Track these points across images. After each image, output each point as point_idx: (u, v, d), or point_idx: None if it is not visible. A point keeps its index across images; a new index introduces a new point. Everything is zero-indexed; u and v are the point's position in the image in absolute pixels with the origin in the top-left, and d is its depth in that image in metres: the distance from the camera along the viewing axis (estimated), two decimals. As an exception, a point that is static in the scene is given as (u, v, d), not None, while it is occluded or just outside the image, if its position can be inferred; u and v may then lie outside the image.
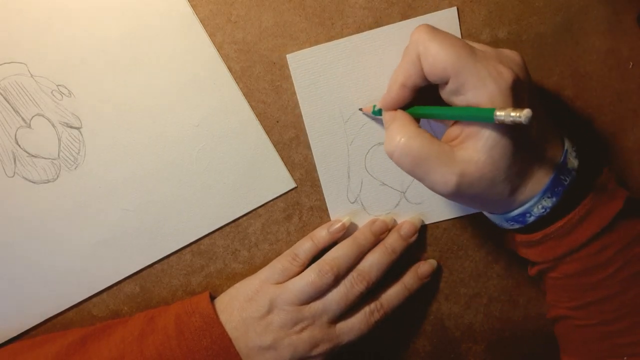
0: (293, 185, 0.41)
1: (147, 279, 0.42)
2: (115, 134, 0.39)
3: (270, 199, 0.41)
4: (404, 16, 0.39)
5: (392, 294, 0.41)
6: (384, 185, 0.42)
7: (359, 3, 0.39)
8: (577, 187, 0.32)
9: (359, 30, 0.39)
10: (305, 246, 0.40)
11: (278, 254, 0.42)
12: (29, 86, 0.38)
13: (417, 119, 0.34)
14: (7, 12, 0.37)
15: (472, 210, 0.42)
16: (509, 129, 0.30)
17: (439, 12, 0.39)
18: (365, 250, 0.40)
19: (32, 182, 0.39)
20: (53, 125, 0.38)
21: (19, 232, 0.39)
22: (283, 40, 0.39)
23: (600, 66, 0.41)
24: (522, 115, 0.26)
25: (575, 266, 0.34)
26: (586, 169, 0.33)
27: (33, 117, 0.38)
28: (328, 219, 0.42)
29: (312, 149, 0.41)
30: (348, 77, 0.39)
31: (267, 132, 0.40)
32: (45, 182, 0.39)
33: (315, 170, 0.41)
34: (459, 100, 0.31)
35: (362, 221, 0.42)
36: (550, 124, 0.33)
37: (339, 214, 0.42)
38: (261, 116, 0.40)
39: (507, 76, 0.30)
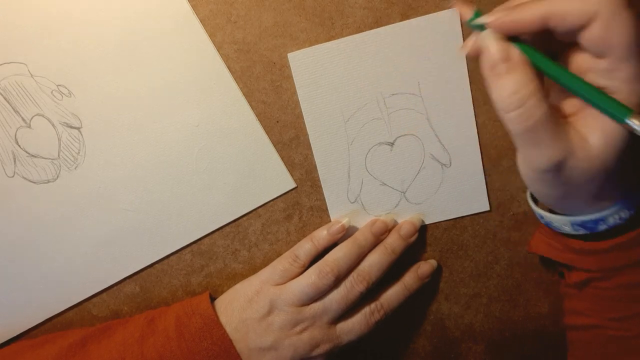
0: (293, 185, 0.41)
1: (147, 279, 0.42)
2: (115, 134, 0.39)
3: (270, 199, 0.41)
4: (404, 16, 0.39)
5: (392, 294, 0.41)
6: (384, 185, 0.42)
7: (359, 3, 0.39)
8: None
9: (359, 30, 0.39)
10: (305, 247, 0.40)
11: (278, 254, 0.42)
12: (29, 86, 0.38)
13: None
14: (7, 12, 0.37)
15: (472, 211, 0.42)
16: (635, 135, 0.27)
17: (441, 12, 0.38)
18: (365, 251, 0.40)
19: (32, 182, 0.39)
20: (53, 125, 0.38)
21: (18, 232, 0.39)
22: (283, 40, 0.39)
23: (601, 66, 0.41)
24: None
25: (632, 278, 0.33)
26: None
27: (33, 117, 0.38)
28: (328, 218, 0.42)
29: (312, 149, 0.41)
30: (349, 76, 0.39)
31: (267, 132, 0.40)
32: (45, 182, 0.39)
33: (315, 170, 0.41)
34: (600, 81, 0.28)
35: (362, 221, 0.42)
36: None
37: (339, 213, 0.42)
38: (261, 116, 0.40)
39: None
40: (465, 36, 0.39)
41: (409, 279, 0.42)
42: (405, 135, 0.41)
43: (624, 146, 0.28)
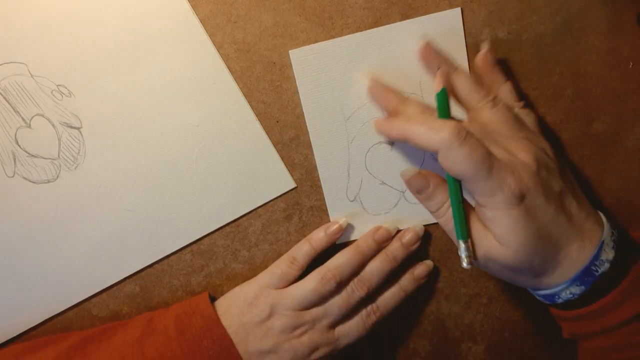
0: (293, 185, 0.41)
1: (147, 279, 0.42)
2: (115, 134, 0.39)
3: (270, 199, 0.41)
4: (404, 16, 0.39)
5: (389, 296, 0.41)
6: (384, 184, 0.42)
7: (359, 3, 0.39)
8: (610, 275, 0.33)
9: (359, 30, 0.39)
10: (303, 249, 0.40)
11: (278, 254, 0.42)
12: (29, 86, 0.38)
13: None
14: (7, 12, 0.37)
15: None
16: (529, 216, 0.32)
17: (443, 12, 0.39)
18: (367, 258, 0.40)
19: (32, 182, 0.39)
20: (53, 125, 0.38)
21: (19, 232, 0.39)
22: (283, 40, 0.39)
23: (600, 66, 0.41)
24: (464, 264, 0.34)
25: (608, 342, 0.34)
26: (623, 256, 0.33)
27: (33, 117, 0.38)
28: (328, 218, 0.42)
29: (312, 146, 0.41)
30: (350, 74, 0.39)
31: (267, 132, 0.40)
32: (45, 182, 0.39)
33: (315, 170, 0.41)
34: (472, 195, 0.34)
35: (361, 220, 0.42)
36: (586, 210, 0.34)
37: (338, 212, 0.42)
38: (261, 116, 0.40)
39: (513, 187, 0.32)
40: (466, 36, 0.39)
41: (405, 281, 0.42)
42: (405, 135, 0.41)
43: (526, 231, 0.32)
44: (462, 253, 0.33)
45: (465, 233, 0.34)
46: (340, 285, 0.39)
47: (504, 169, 0.32)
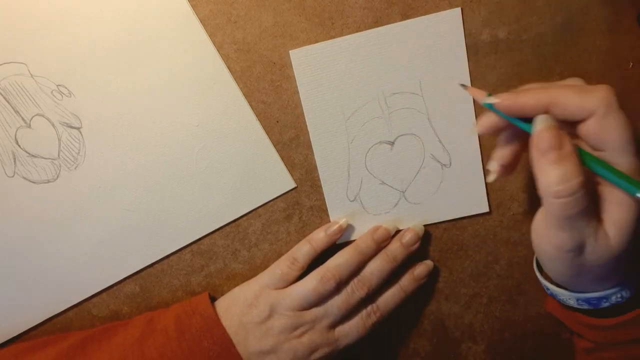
0: (293, 185, 0.41)
1: (147, 279, 0.42)
2: (115, 134, 0.39)
3: (270, 199, 0.41)
4: (404, 16, 0.39)
5: (389, 296, 0.41)
6: (384, 184, 0.42)
7: (359, 3, 0.39)
8: None
9: (358, 30, 0.39)
10: (303, 250, 0.40)
11: (278, 254, 0.42)
12: (29, 86, 0.38)
13: None
14: (7, 12, 0.37)
15: (471, 212, 0.42)
16: None
17: (443, 12, 0.39)
18: (367, 258, 0.40)
19: (32, 182, 0.39)
20: (53, 125, 0.38)
21: (19, 232, 0.39)
22: (283, 40, 0.39)
23: (600, 66, 0.41)
24: None
25: (632, 352, 0.34)
26: None
27: (33, 117, 0.38)
28: (328, 218, 0.42)
29: (312, 146, 0.41)
30: (350, 74, 0.39)
31: (267, 132, 0.40)
32: (45, 182, 0.39)
33: (315, 170, 0.41)
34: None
35: (361, 220, 0.42)
36: None
37: (338, 211, 0.42)
38: (261, 116, 0.40)
39: None
40: (466, 37, 0.39)
41: (405, 281, 0.42)
42: (406, 135, 0.41)
43: (633, 237, 0.30)
44: None
45: None
46: (340, 285, 0.39)
47: None
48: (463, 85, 0.36)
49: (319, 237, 0.41)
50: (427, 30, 0.39)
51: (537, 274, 0.38)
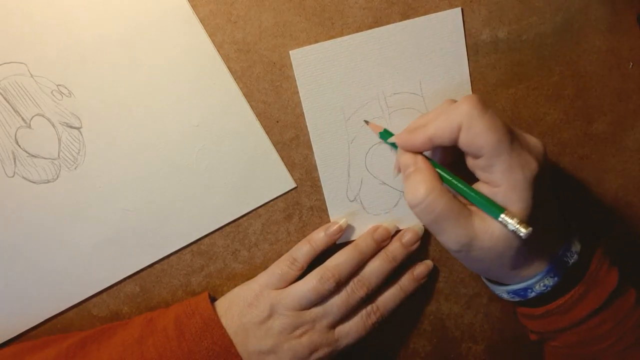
0: (293, 185, 0.41)
1: (147, 279, 0.42)
2: (115, 134, 0.39)
3: (270, 199, 0.41)
4: (404, 16, 0.39)
5: (389, 296, 0.41)
6: (384, 184, 0.42)
7: (359, 3, 0.39)
8: (577, 267, 0.34)
9: (358, 30, 0.39)
10: (303, 250, 0.40)
11: (278, 254, 0.42)
12: (29, 86, 0.38)
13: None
14: (7, 12, 0.37)
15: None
16: (536, 199, 0.31)
17: (443, 12, 0.39)
18: (366, 257, 0.40)
19: (32, 182, 0.39)
20: (53, 125, 0.38)
21: (19, 232, 0.39)
22: (283, 40, 0.39)
23: (600, 66, 0.41)
24: (523, 231, 0.30)
25: (574, 338, 0.35)
26: (586, 250, 0.35)
27: (33, 117, 0.38)
28: (328, 218, 0.42)
29: (312, 146, 0.41)
30: (350, 74, 0.40)
31: (267, 132, 0.40)
32: (45, 182, 0.39)
33: (315, 170, 0.41)
34: (484, 176, 0.32)
35: (361, 220, 0.42)
36: (557, 206, 0.35)
37: (338, 212, 0.42)
38: (261, 116, 0.40)
39: (533, 167, 0.31)
40: (466, 37, 0.39)
41: (405, 281, 0.42)
42: (405, 135, 0.41)
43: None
44: (512, 225, 0.30)
45: (498, 205, 0.31)
46: (340, 285, 0.39)
47: (523, 146, 0.31)
48: (366, 122, 0.40)
49: (318, 237, 0.41)
50: (427, 30, 0.39)
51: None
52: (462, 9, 0.39)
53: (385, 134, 0.38)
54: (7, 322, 0.41)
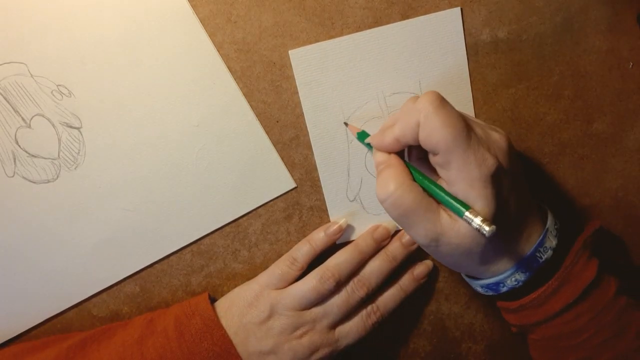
0: (293, 185, 0.41)
1: (147, 279, 0.42)
2: (115, 134, 0.39)
3: (270, 199, 0.41)
4: (404, 16, 0.39)
5: (389, 296, 0.41)
6: (384, 185, 0.42)
7: (359, 3, 0.39)
8: (552, 262, 0.34)
9: (358, 30, 0.39)
10: (303, 250, 0.40)
11: (278, 254, 0.42)
12: (29, 86, 0.38)
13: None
14: (7, 12, 0.37)
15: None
16: (498, 196, 0.31)
17: (443, 12, 0.39)
18: (366, 257, 0.40)
19: (32, 182, 0.39)
20: (53, 125, 0.38)
21: (19, 232, 0.39)
22: (283, 40, 0.39)
23: (600, 66, 0.41)
24: (487, 229, 0.29)
25: (551, 331, 0.35)
26: (563, 244, 0.35)
27: (33, 117, 0.38)
28: (328, 218, 0.42)
29: (312, 146, 0.41)
30: (350, 74, 0.40)
31: (267, 132, 0.40)
32: (45, 182, 0.39)
33: (315, 170, 0.41)
34: (442, 173, 0.33)
35: (361, 220, 0.42)
36: (532, 202, 0.35)
37: (338, 211, 0.42)
38: (261, 116, 0.40)
39: (490, 164, 0.31)
40: (466, 37, 0.39)
41: (405, 281, 0.42)
42: (405, 135, 0.41)
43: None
44: (476, 223, 0.30)
45: (463, 202, 0.31)
46: (340, 285, 0.39)
47: (481, 142, 0.31)
48: (345, 124, 0.40)
49: (318, 237, 0.41)
50: (427, 30, 0.39)
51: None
52: (461, 9, 0.39)
53: (362, 135, 0.39)
54: (7, 322, 0.41)
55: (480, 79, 0.40)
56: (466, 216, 0.30)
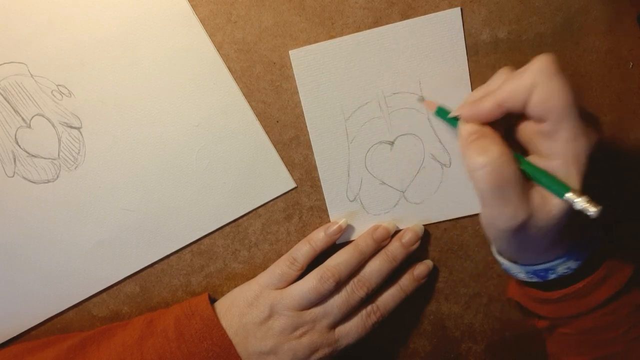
0: (293, 185, 0.41)
1: (147, 279, 0.42)
2: (115, 134, 0.39)
3: (270, 199, 0.41)
4: (404, 16, 0.39)
5: (389, 296, 0.41)
6: (384, 184, 0.42)
7: (359, 3, 0.39)
8: (599, 252, 0.34)
9: (358, 30, 0.39)
10: (303, 250, 0.40)
11: (278, 254, 0.42)
12: (29, 86, 0.38)
13: None
14: (7, 12, 0.37)
15: (472, 211, 0.42)
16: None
17: (442, 12, 0.39)
18: (366, 257, 0.40)
19: (32, 182, 0.39)
20: (53, 125, 0.38)
21: (19, 232, 0.39)
22: (283, 40, 0.39)
23: (600, 66, 0.41)
24: (594, 210, 0.28)
25: (589, 324, 0.35)
26: (605, 235, 0.34)
27: (33, 117, 0.38)
28: (328, 218, 0.42)
29: (312, 146, 0.41)
30: (350, 74, 0.40)
31: (267, 132, 0.40)
32: (45, 182, 0.39)
33: (315, 170, 0.41)
34: (544, 145, 0.31)
35: (361, 220, 0.42)
36: None
37: (338, 212, 0.42)
38: (261, 116, 0.40)
39: (593, 137, 0.30)
40: (466, 37, 0.39)
41: (405, 281, 0.42)
42: (406, 135, 0.41)
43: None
44: (579, 204, 0.28)
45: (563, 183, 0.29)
46: (340, 285, 0.39)
47: (587, 113, 0.30)
48: (421, 98, 0.39)
49: (318, 237, 0.41)
50: (427, 30, 0.39)
51: (493, 251, 0.38)
52: (461, 9, 0.39)
53: (441, 111, 0.37)
54: (7, 322, 0.41)
55: (480, 79, 0.40)
56: (567, 197, 0.28)
